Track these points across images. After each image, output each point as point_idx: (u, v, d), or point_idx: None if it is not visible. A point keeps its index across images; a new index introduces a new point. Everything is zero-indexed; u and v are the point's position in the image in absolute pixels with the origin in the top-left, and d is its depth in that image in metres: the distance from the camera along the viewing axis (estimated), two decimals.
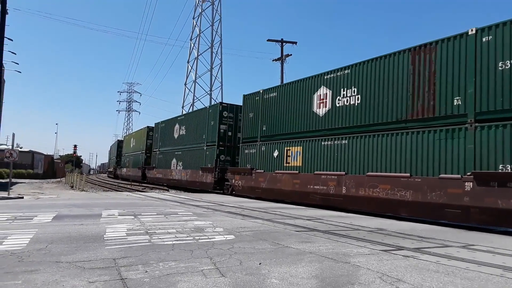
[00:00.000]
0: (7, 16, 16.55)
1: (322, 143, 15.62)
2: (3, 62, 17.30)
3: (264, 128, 19.26)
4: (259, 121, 19.79)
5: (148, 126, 38.96)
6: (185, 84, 50.98)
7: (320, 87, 16.13)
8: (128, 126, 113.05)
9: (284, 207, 15.11)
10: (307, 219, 11.01)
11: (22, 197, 16.21)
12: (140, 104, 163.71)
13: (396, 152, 12.58)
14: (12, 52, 30.98)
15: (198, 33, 50.44)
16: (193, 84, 49.99)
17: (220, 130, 23.56)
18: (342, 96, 15.05)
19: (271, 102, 19.02)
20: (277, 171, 17.79)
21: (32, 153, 55.63)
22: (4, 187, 18.97)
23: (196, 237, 7.16)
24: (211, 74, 51.13)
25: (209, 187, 23.63)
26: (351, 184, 13.90)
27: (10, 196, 15.88)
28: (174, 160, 30.19)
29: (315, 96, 16.30)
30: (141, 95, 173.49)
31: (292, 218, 11.28)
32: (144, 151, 38.73)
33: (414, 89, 12.36)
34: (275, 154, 18.09)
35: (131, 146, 45.75)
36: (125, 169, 48.29)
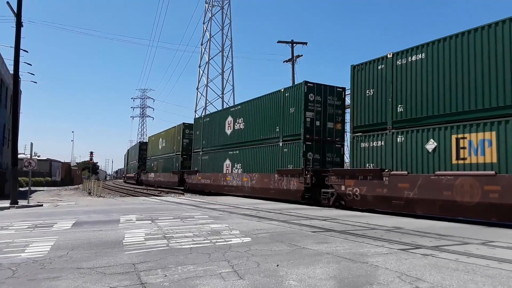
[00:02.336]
0: (22, 28, 16.92)
1: None
2: (20, 73, 17.68)
3: (400, 110, 13.11)
4: (386, 100, 13.60)
5: (184, 123, 33.83)
6: (197, 89, 51.32)
7: None
8: (142, 132, 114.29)
9: (298, 208, 15.08)
10: (322, 220, 10.98)
11: (42, 205, 16.54)
12: (153, 110, 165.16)
13: None
14: (28, 63, 31.73)
15: (208, 37, 50.75)
16: (205, 88, 50.28)
17: (306, 119, 17.60)
18: None
19: (412, 70, 12.79)
20: (439, 172, 11.51)
21: (49, 161, 56.74)
22: (24, 195, 19.38)
23: (213, 240, 7.21)
24: (223, 78, 51.40)
25: (295, 196, 17.50)
26: None
27: (29, 204, 16.22)
28: (227, 162, 24.51)
29: None
30: (154, 101, 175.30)
31: (307, 218, 11.25)
32: (179, 153, 33.50)
33: None
34: (430, 146, 11.98)
35: (160, 147, 40.44)
36: (152, 174, 42.83)
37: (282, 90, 19.48)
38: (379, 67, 14.08)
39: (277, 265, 5.24)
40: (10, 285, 4.33)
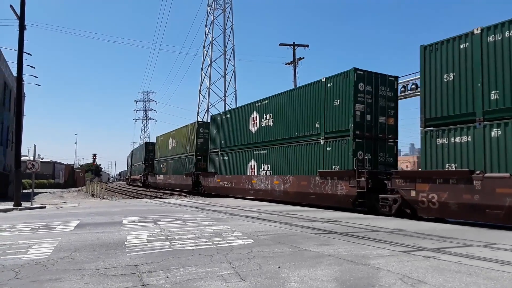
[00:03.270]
0: (25, 31, 17.02)
1: None
2: (23, 76, 17.78)
3: (494, 97, 10.76)
4: (473, 85, 11.22)
5: (198, 121, 31.85)
6: (200, 91, 51.45)
7: None
8: (145, 134, 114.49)
9: (301, 210, 15.07)
10: (324, 222, 10.97)
11: (45, 207, 16.59)
12: (156, 112, 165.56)
13: None
14: (31, 66, 31.88)
15: (210, 40, 50.89)
16: (207, 90, 50.39)
17: (356, 112, 15.14)
18: None
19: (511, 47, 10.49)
20: None
21: (53, 163, 56.95)
22: (27, 197, 19.45)
23: (215, 242, 7.22)
24: (225, 80, 51.50)
25: (344, 202, 15.05)
26: None
27: (33, 206, 16.27)
28: (252, 163, 21.95)
29: None
30: (157, 103, 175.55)
31: (309, 220, 11.25)
32: (193, 153, 30.68)
33: None
34: None
35: (170, 148, 37.74)
36: (161, 176, 39.76)
37: (324, 79, 16.86)
38: (461, 46, 11.68)
39: (279, 267, 5.25)
40: (13, 286, 4.36)
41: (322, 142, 16.63)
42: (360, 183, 14.12)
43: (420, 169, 12.84)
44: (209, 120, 32.47)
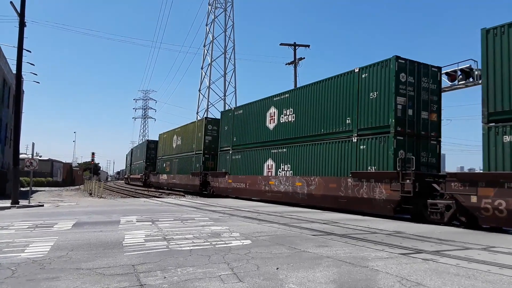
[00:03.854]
0: (25, 28, 16.98)
1: None
2: (22, 73, 17.73)
3: None
4: None
5: (206, 118, 30.14)
6: (199, 90, 51.38)
7: None
8: (144, 133, 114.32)
9: (300, 211, 15.05)
10: (323, 223, 10.95)
11: (43, 205, 16.54)
12: (155, 111, 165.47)
13: None
14: (31, 63, 31.77)
15: (211, 39, 50.84)
16: (207, 90, 50.35)
17: (397, 106, 13.53)
18: None
19: None
20: None
21: (51, 161, 56.84)
22: (25, 195, 19.40)
23: (213, 243, 7.20)
24: (225, 80, 51.43)
25: (384, 208, 13.24)
26: None
27: (30, 204, 16.23)
28: (269, 162, 20.12)
29: None
30: (156, 102, 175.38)
31: (308, 222, 11.23)
32: (200, 152, 28.81)
33: None
34: None
35: (174, 146, 35.75)
36: (164, 175, 37.68)
37: (357, 70, 15.15)
38: None
39: (277, 268, 5.23)
40: (9, 285, 4.32)
41: (354, 140, 14.85)
42: (405, 187, 12.42)
43: (481, 171, 11.35)
44: (216, 117, 31.54)
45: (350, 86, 15.49)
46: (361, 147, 14.58)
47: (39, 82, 57.07)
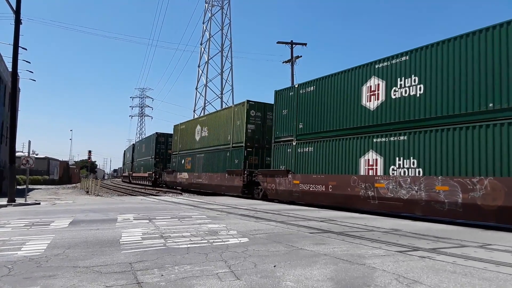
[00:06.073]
0: (21, 26, 16.88)
1: None
2: (18, 71, 17.64)
3: None
4: None
5: (248, 101, 23.24)
6: (196, 88, 51.33)
7: None
8: (141, 131, 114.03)
9: (297, 209, 15.07)
10: (320, 221, 10.97)
11: (39, 203, 16.49)
12: (152, 109, 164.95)
13: None
14: (27, 61, 31.62)
15: (208, 37, 50.77)
16: (204, 88, 50.29)
17: None
18: None
19: None
20: None
21: (47, 159, 56.67)
22: (21, 193, 19.32)
23: (210, 240, 7.20)
24: (222, 78, 51.42)
25: None
26: None
27: (27, 202, 16.17)
28: (370, 156, 14.00)
29: None
30: (153, 100, 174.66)
31: (305, 219, 11.25)
32: (240, 144, 23.06)
33: None
34: None
35: (197, 138, 30.05)
36: (185, 173, 31.70)
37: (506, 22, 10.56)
38: None
39: (274, 266, 5.23)
40: (6, 283, 4.31)
41: None
42: None
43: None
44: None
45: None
46: None
47: (35, 80, 56.91)
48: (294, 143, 18.19)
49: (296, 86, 18.63)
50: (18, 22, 16.68)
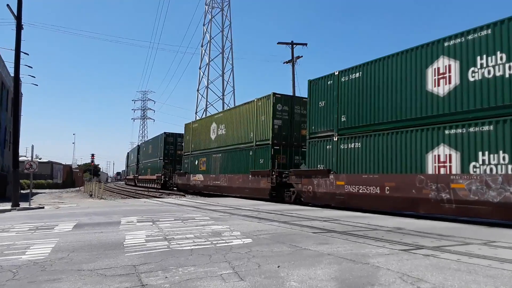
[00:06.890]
0: (22, 31, 16.95)
1: None
2: (20, 76, 17.72)
3: None
4: None
5: (275, 94, 20.83)
6: (198, 90, 51.41)
7: None
8: (143, 134, 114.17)
9: (300, 209, 15.06)
10: (323, 220, 10.96)
11: (43, 207, 16.55)
12: (154, 112, 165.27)
13: None
14: (29, 66, 31.81)
15: (208, 39, 50.86)
16: (206, 89, 50.36)
17: None
18: None
19: None
20: None
21: (51, 163, 56.85)
22: (25, 198, 19.40)
23: (214, 242, 7.20)
24: (223, 79, 51.46)
25: None
26: None
27: (31, 206, 16.23)
28: (442, 151, 11.68)
29: None
30: (155, 103, 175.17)
31: (308, 219, 11.24)
32: (267, 142, 20.73)
33: None
34: None
35: (213, 137, 27.78)
36: (199, 175, 29.38)
37: None
38: None
39: (278, 266, 5.23)
40: (11, 287, 4.32)
41: None
42: None
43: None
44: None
45: None
46: None
47: (37, 85, 57.17)
48: (336, 139, 15.76)
49: (337, 73, 16.09)
50: (19, 27, 16.76)
